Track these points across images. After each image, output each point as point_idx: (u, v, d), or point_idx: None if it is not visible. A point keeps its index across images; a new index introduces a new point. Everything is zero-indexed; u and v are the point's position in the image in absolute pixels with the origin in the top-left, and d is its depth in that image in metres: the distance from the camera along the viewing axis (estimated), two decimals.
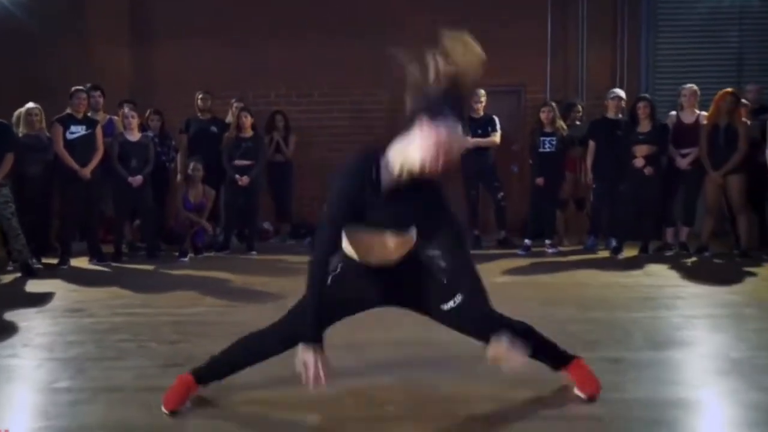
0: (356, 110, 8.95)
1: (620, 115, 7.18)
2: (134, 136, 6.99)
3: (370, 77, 8.76)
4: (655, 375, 3.00)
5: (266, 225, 8.48)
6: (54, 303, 4.85)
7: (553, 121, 7.15)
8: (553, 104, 7.36)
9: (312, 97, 9.00)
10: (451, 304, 2.55)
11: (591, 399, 2.67)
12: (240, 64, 8.79)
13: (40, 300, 4.90)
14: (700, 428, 2.52)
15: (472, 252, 2.56)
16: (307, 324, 2.38)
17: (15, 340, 3.76)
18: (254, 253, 7.26)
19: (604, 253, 6.96)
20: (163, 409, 2.60)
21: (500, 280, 5.62)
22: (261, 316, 4.15)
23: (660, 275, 5.81)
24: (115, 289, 5.30)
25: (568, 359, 2.76)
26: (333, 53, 8.70)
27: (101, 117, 7.17)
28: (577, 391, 2.70)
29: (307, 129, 8.67)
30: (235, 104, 7.97)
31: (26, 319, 4.26)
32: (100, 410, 2.67)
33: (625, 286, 5.33)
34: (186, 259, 6.86)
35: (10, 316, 4.35)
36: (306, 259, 2.47)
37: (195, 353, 2.85)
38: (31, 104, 6.60)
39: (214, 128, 7.74)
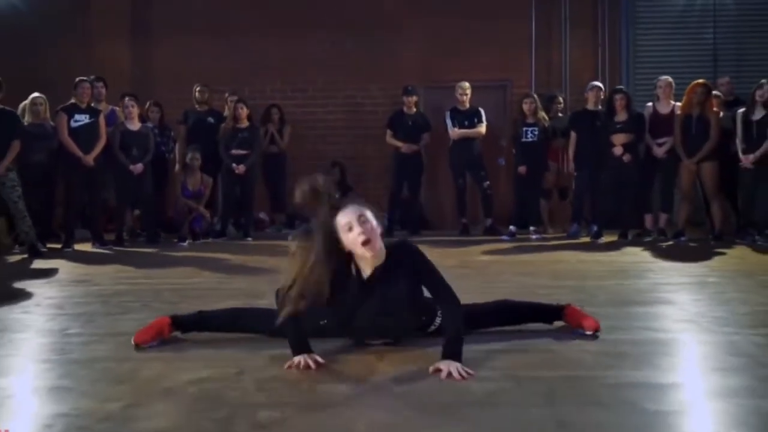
0: (350, 104, 9.25)
1: (600, 107, 7.48)
2: (135, 125, 7.25)
3: (364, 73, 9.08)
4: (612, 324, 3.16)
5: (262, 215, 8.76)
6: (60, 276, 5.13)
7: (534, 112, 7.45)
8: (535, 96, 7.67)
9: (307, 92, 9.28)
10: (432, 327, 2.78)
11: (595, 332, 2.89)
12: (237, 61, 9.10)
13: (47, 273, 5.18)
14: (649, 357, 2.66)
15: (459, 239, 2.76)
16: (293, 344, 2.52)
17: (26, 302, 4.01)
18: (250, 239, 7.53)
19: (586, 239, 7.24)
20: (132, 341, 2.84)
21: (482, 258, 5.92)
22: (256, 286, 4.47)
23: (635, 255, 6.10)
24: (118, 266, 5.57)
25: (559, 309, 3.02)
26: (328, 50, 9.01)
27: (103, 107, 7.44)
28: (580, 332, 2.92)
29: (301, 122, 8.96)
30: (229, 97, 8.23)
31: (35, 287, 4.51)
32: (109, 348, 2.92)
33: (600, 262, 5.62)
34: (185, 244, 7.12)
35: (19, 285, 4.62)
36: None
37: (195, 310, 3.13)
38: (35, 94, 6.86)
39: (211, 119, 8.02)
